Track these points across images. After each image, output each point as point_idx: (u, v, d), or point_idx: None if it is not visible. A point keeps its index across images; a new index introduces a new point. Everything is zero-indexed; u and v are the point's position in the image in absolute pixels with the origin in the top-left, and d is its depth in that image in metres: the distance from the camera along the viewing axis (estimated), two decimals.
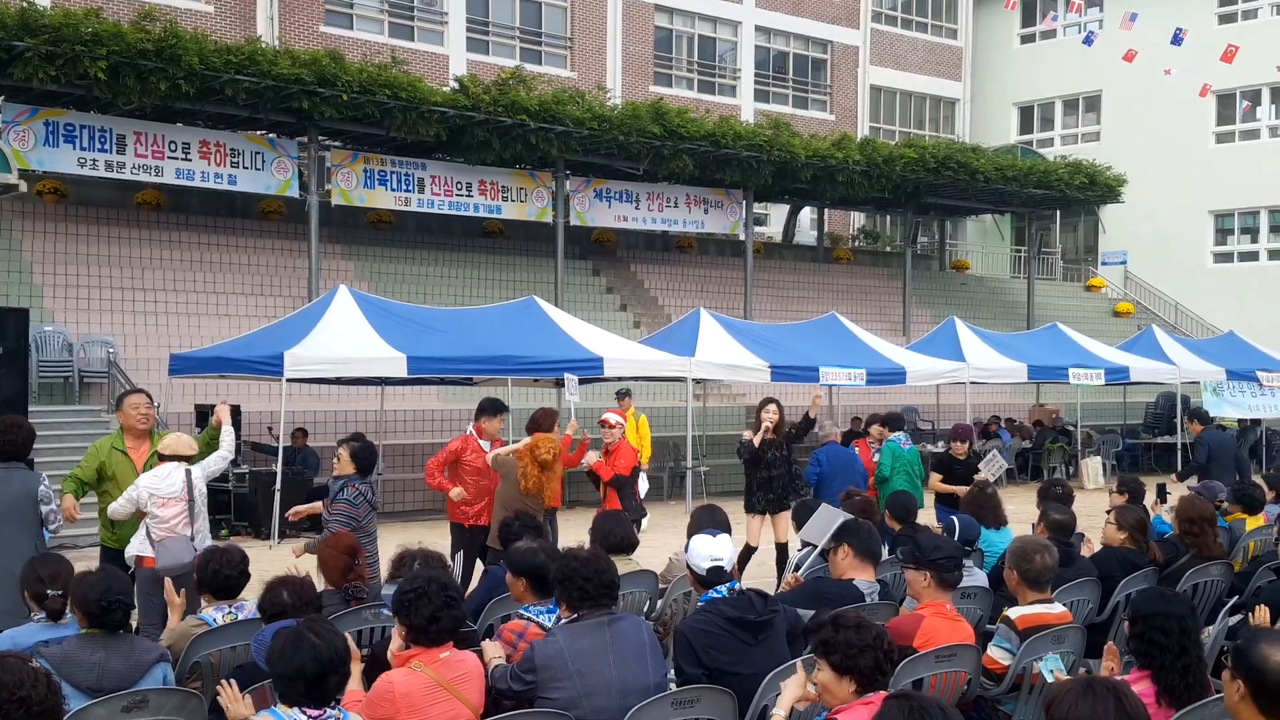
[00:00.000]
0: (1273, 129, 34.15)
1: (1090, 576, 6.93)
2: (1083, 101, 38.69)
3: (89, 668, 4.75)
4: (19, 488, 7.36)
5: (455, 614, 4.70)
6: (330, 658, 4.03)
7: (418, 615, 4.60)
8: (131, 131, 19.03)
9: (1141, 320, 33.14)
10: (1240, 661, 3.65)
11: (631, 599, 6.75)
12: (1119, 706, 3.16)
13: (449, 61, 27.92)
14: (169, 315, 20.43)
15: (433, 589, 4.63)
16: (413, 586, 4.67)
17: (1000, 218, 35.61)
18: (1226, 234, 36.27)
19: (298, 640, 4.04)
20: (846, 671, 3.91)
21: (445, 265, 24.62)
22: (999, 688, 5.45)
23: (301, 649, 4.01)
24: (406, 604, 4.63)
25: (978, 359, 20.49)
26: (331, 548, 6.27)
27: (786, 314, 25.86)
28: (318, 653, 4.00)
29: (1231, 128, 35.50)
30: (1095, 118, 38.28)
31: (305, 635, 4.06)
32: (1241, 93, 34.32)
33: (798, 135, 25.32)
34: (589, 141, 22.11)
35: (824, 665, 3.98)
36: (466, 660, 4.74)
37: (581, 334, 16.43)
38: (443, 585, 4.70)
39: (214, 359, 15.65)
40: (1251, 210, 35.37)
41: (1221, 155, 35.42)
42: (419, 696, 4.46)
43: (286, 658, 4.02)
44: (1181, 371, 22.83)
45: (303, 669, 3.98)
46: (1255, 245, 35.61)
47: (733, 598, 5.23)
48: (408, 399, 19.73)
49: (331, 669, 4.03)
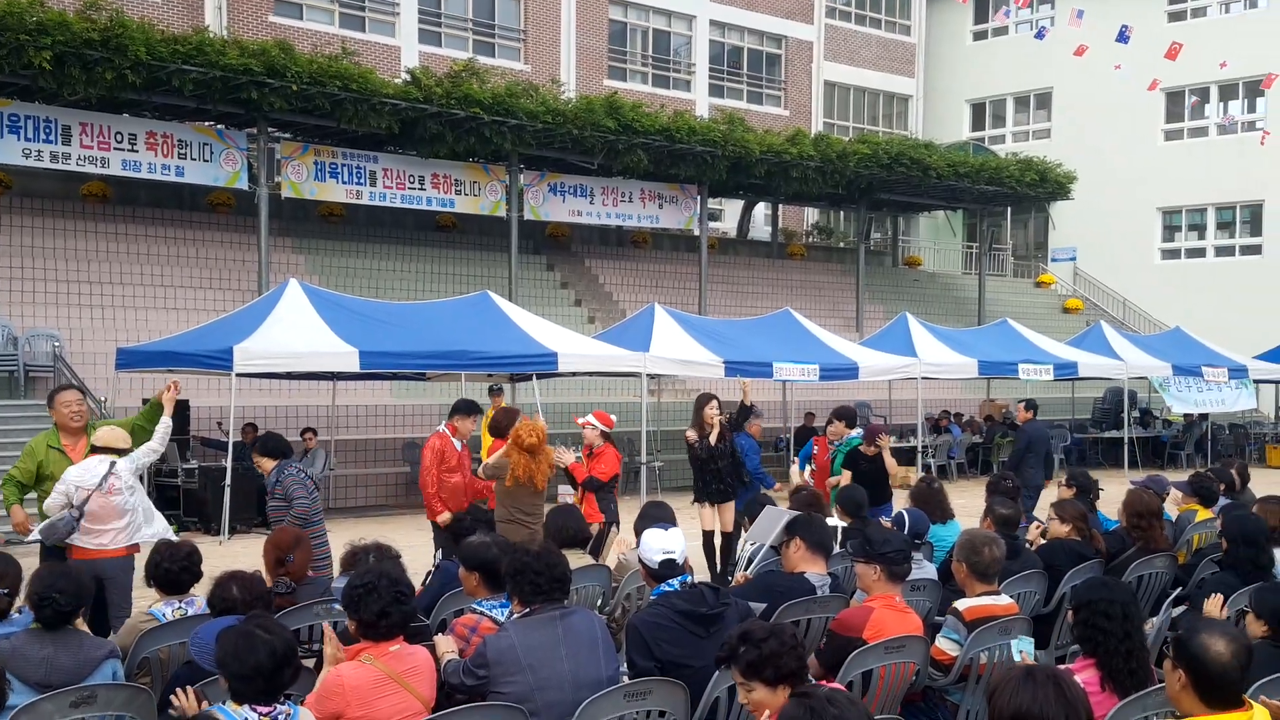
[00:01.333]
0: (1220, 127, 34.69)
1: (1037, 569, 7.02)
2: (1034, 99, 39.13)
3: (37, 663, 4.71)
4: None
5: (405, 609, 4.68)
6: (284, 652, 4.02)
7: (367, 610, 4.58)
8: (77, 122, 18.73)
9: (1090, 316, 33.60)
10: (1181, 651, 3.70)
11: (584, 593, 6.75)
12: (1059, 693, 3.20)
13: (401, 53, 27.73)
14: (116, 309, 20.15)
15: (383, 584, 4.61)
16: (363, 582, 4.64)
17: (952, 214, 35.95)
18: (1174, 231, 36.84)
19: (249, 639, 4.01)
20: (781, 680, 3.91)
21: (398, 259, 24.47)
22: (947, 678, 5.51)
23: (256, 647, 3.98)
24: (356, 599, 4.61)
25: (929, 354, 20.67)
26: (269, 541, 6.31)
27: (741, 309, 25.95)
28: (272, 649, 3.98)
29: (1180, 125, 36.05)
30: (1046, 115, 38.74)
31: (256, 633, 4.03)
32: (1190, 90, 34.84)
33: (752, 130, 25.41)
34: (543, 135, 22.05)
35: (755, 684, 3.94)
36: (416, 654, 4.72)
37: (536, 329, 16.38)
38: (393, 580, 4.67)
39: (162, 353, 15.44)
40: (1199, 207, 35.95)
41: (1170, 153, 35.97)
42: (368, 689, 4.44)
43: (241, 658, 3.98)
44: (1129, 367, 23.16)
45: (259, 667, 3.95)
46: (1202, 242, 36.19)
47: (684, 591, 5.25)
48: (360, 394, 19.60)
49: (286, 662, 4.02)
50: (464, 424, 9.75)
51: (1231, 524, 6.73)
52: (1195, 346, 24.91)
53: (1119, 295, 36.48)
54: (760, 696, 3.94)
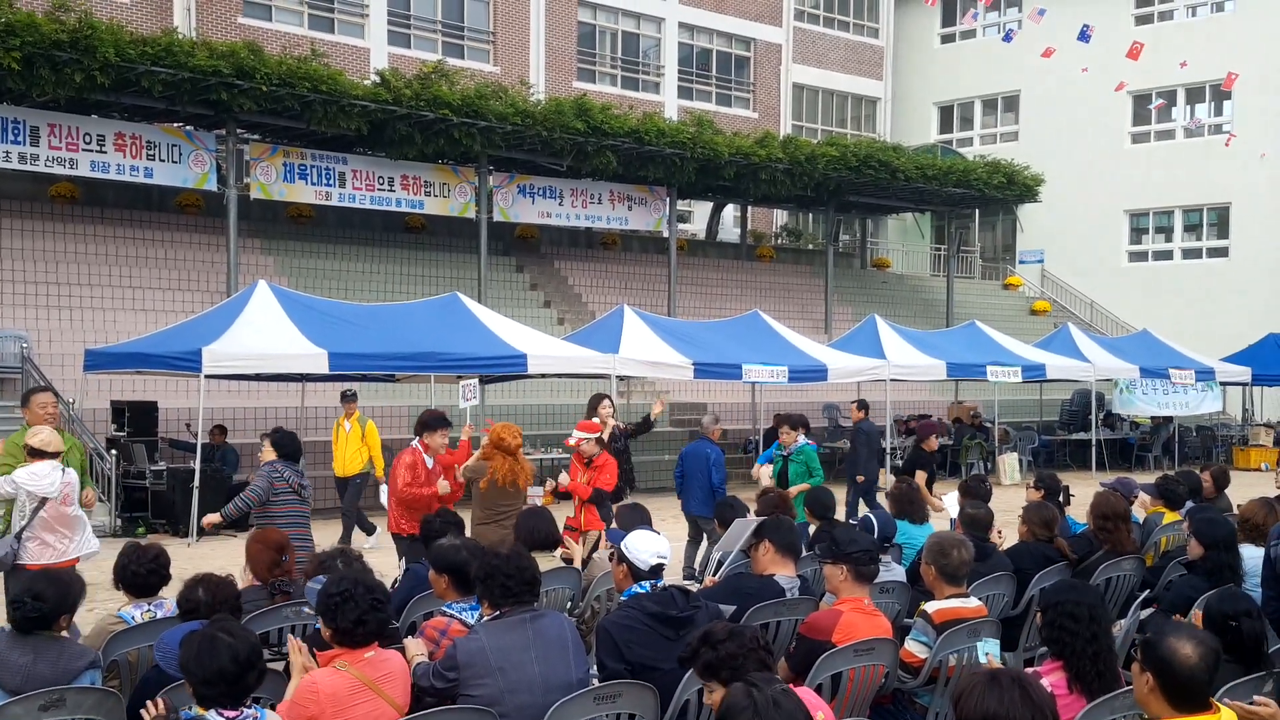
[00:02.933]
0: (1187, 130, 35.04)
1: (1006, 571, 7.06)
2: (1001, 101, 39.41)
3: (16, 670, 4.68)
4: None
5: (381, 616, 4.68)
6: (248, 656, 3.99)
7: (344, 618, 4.57)
8: (45, 123, 18.58)
9: (1058, 318, 33.85)
10: (1149, 654, 3.72)
11: (554, 596, 6.76)
12: (1024, 696, 3.22)
13: (370, 54, 27.63)
14: (84, 310, 19.99)
15: (359, 591, 4.60)
16: (339, 589, 4.61)
17: (920, 216, 36.16)
18: (1141, 233, 37.17)
19: (212, 643, 3.99)
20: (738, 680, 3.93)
21: (367, 261, 24.37)
22: (916, 680, 5.55)
23: (218, 651, 3.95)
24: (333, 607, 4.59)
25: (898, 356, 20.77)
26: (259, 543, 6.25)
27: (710, 311, 26.00)
28: (235, 652, 3.96)
29: (1147, 128, 36.39)
30: (1014, 117, 39.01)
31: (219, 637, 4.01)
32: (1156, 93, 35.18)
33: (721, 133, 25.47)
34: (512, 137, 22.02)
35: (714, 685, 3.96)
36: (391, 659, 4.71)
37: (505, 331, 16.38)
38: (369, 588, 4.66)
39: (130, 355, 15.38)
40: (1166, 210, 36.29)
41: (1137, 155, 36.30)
42: (344, 696, 4.44)
43: (204, 662, 3.96)
44: (1096, 369, 23.35)
45: (223, 671, 3.94)
46: (1169, 244, 36.54)
47: (655, 594, 5.27)
48: (329, 395, 19.45)
49: (250, 666, 4.00)
50: (434, 439, 9.61)
51: (1204, 528, 6.73)
52: (1163, 349, 25.15)
53: (1086, 297, 36.79)
54: (720, 698, 3.95)
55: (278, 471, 8.28)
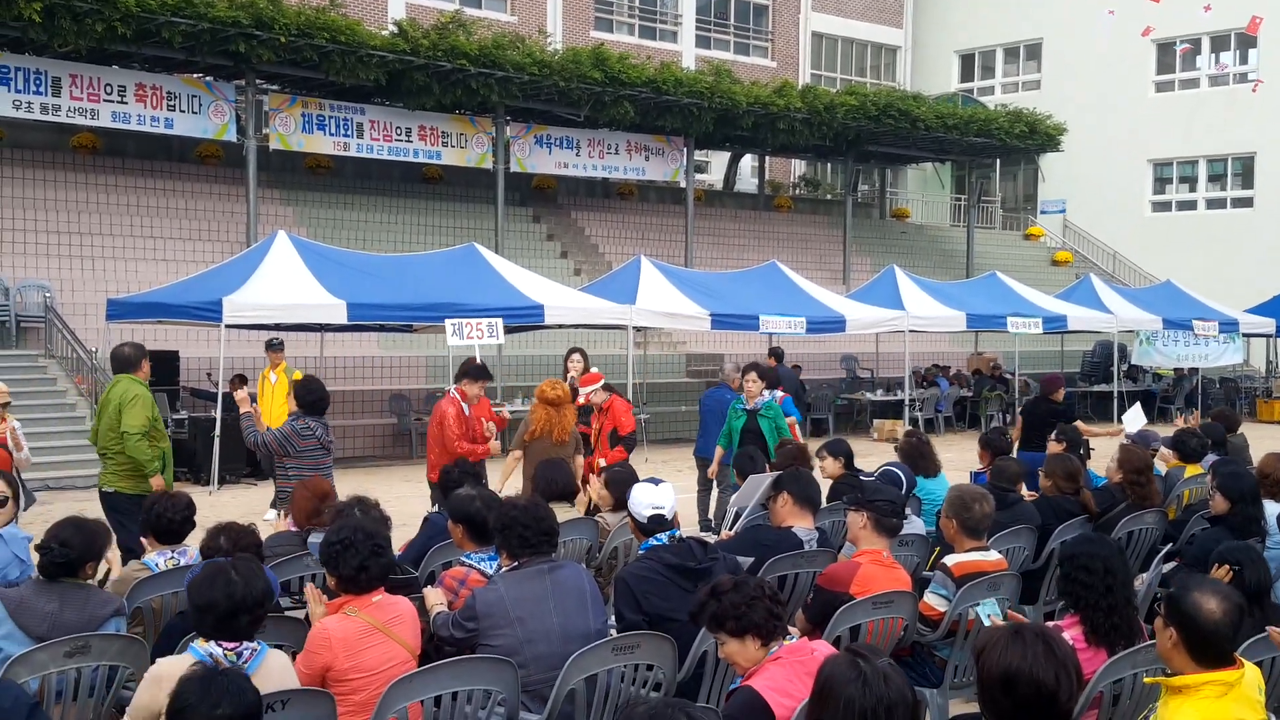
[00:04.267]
0: (1212, 78, 34.52)
1: (1027, 524, 7.05)
2: (1024, 50, 38.88)
3: (42, 617, 4.71)
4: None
5: (383, 561, 4.70)
6: (244, 597, 4.05)
7: (346, 566, 4.61)
8: (67, 74, 18.58)
9: (1080, 269, 33.60)
10: (1173, 610, 3.69)
11: (571, 546, 6.79)
12: (1048, 651, 3.20)
13: (388, 5, 27.44)
14: (106, 260, 20.07)
15: (359, 539, 4.63)
16: (339, 538, 4.65)
17: (940, 166, 35.84)
18: (1165, 183, 36.75)
19: (216, 575, 4.09)
20: (745, 631, 3.93)
21: (385, 211, 24.34)
22: (935, 633, 5.55)
23: (217, 584, 4.05)
24: (334, 555, 4.63)
25: (917, 308, 20.68)
26: (305, 488, 6.33)
27: (727, 262, 25.90)
28: (232, 590, 4.03)
29: (1171, 76, 35.85)
30: (1036, 66, 38.50)
31: (225, 571, 4.10)
32: (1181, 40, 34.64)
33: (739, 82, 25.24)
34: (529, 87, 21.88)
35: (723, 637, 3.97)
36: (399, 603, 4.75)
37: (522, 281, 16.36)
38: (369, 534, 4.69)
39: (152, 304, 15.45)
40: (1190, 159, 35.86)
41: (1161, 104, 35.81)
42: (355, 640, 4.48)
43: (202, 590, 4.07)
44: (1119, 320, 23.19)
45: (213, 603, 4.02)
46: (1193, 194, 36.13)
47: (673, 545, 5.27)
48: (347, 345, 19.57)
49: (244, 608, 4.05)
50: (472, 388, 9.74)
51: (1229, 482, 6.68)
52: (1186, 300, 24.94)
53: (1109, 248, 36.48)
54: (731, 649, 3.97)
55: (307, 427, 8.27)
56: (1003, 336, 24.32)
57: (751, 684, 3.85)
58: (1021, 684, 3.17)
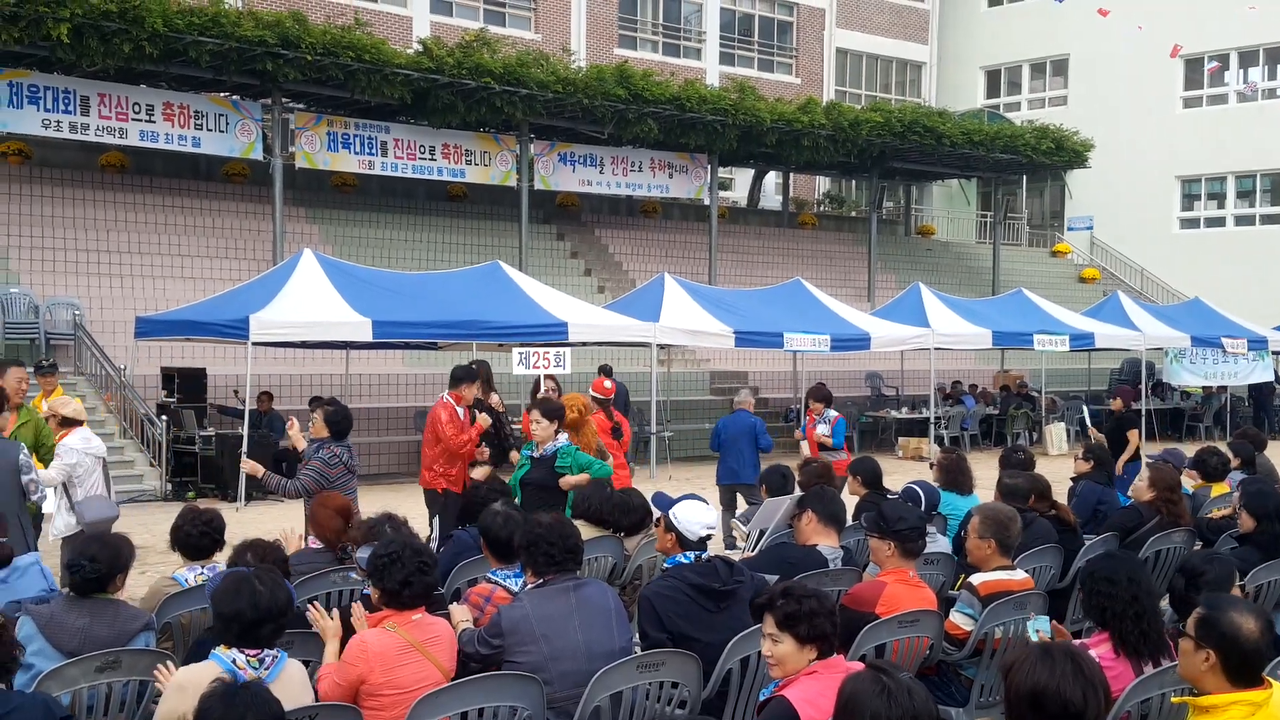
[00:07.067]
0: (1240, 94, 34.32)
1: (1052, 543, 7.00)
2: (1050, 65, 38.77)
3: (73, 632, 4.75)
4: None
5: (428, 579, 4.76)
6: (269, 607, 4.13)
7: (390, 579, 4.65)
8: (95, 93, 18.78)
9: (1107, 286, 33.41)
10: (1209, 631, 3.63)
11: (596, 564, 6.79)
12: (1076, 670, 3.18)
13: (412, 23, 27.61)
14: (134, 278, 20.24)
15: (406, 554, 4.69)
16: (387, 551, 4.72)
17: (966, 182, 35.74)
18: (1193, 200, 36.53)
19: (241, 584, 4.17)
20: (813, 640, 3.92)
21: (409, 229, 24.46)
22: (961, 653, 5.52)
23: (242, 593, 4.13)
24: (381, 568, 4.69)
25: (942, 325, 20.59)
26: (325, 507, 6.32)
27: (751, 279, 25.89)
28: (257, 600, 4.11)
29: (1199, 92, 35.67)
30: (1063, 82, 38.38)
31: (250, 581, 4.18)
32: (1210, 56, 34.47)
33: (763, 99, 25.27)
34: (553, 105, 21.98)
35: (786, 638, 3.95)
36: (438, 624, 4.80)
37: (546, 299, 16.40)
38: (416, 551, 4.75)
39: (180, 322, 15.59)
40: (1218, 176, 35.63)
41: (1189, 120, 35.62)
42: (391, 656, 4.52)
43: (227, 599, 4.15)
44: (1146, 338, 23.02)
45: (239, 613, 4.10)
46: (1221, 211, 35.89)
47: (699, 565, 5.26)
48: (372, 363, 19.65)
49: (268, 617, 4.14)
50: (467, 391, 9.86)
51: (1255, 500, 6.62)
52: (1214, 317, 24.73)
53: (1137, 265, 36.26)
54: (787, 650, 3.94)
55: (335, 455, 8.13)
56: (1029, 354, 24.20)
57: (785, 694, 3.84)
58: (1049, 702, 3.16)
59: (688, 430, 20.70)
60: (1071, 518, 7.51)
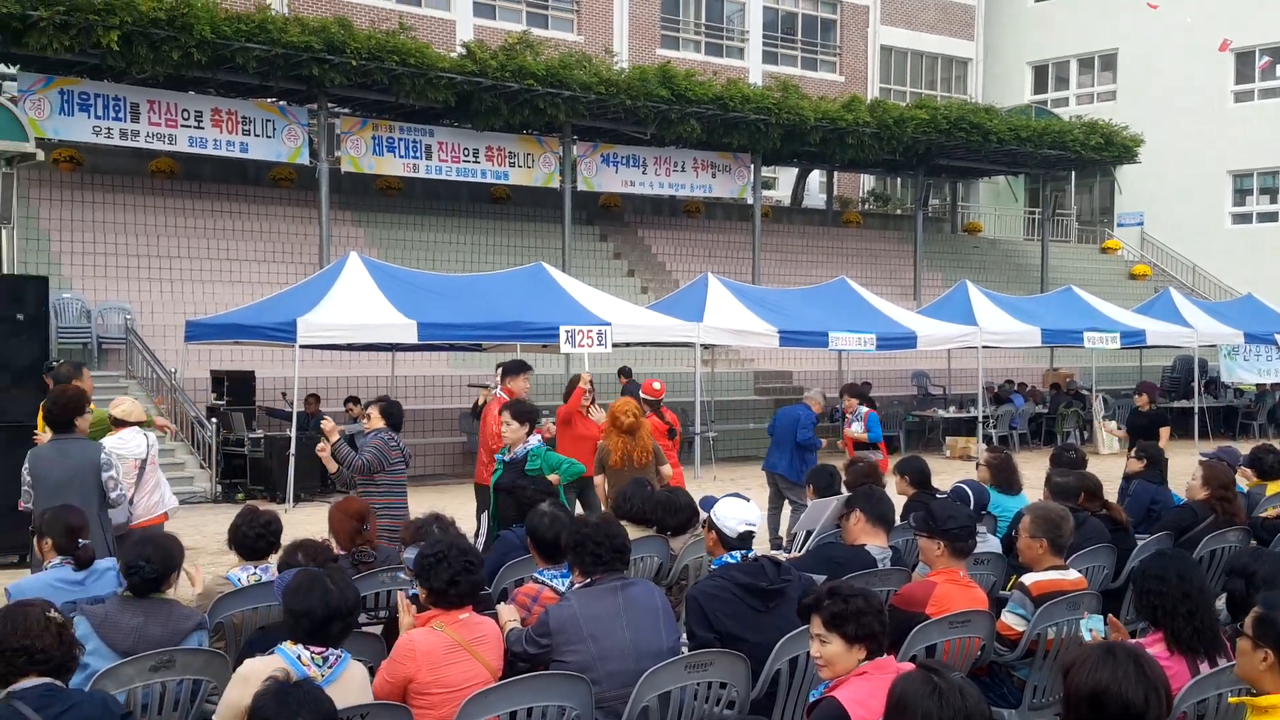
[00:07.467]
0: None
1: (1105, 543, 6.91)
2: (1098, 60, 38.31)
3: (127, 631, 4.81)
4: (77, 459, 7.33)
5: (474, 578, 4.78)
6: (339, 605, 4.21)
7: (437, 578, 4.67)
8: (145, 100, 19.06)
9: (1158, 283, 32.97)
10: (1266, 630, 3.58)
11: (642, 564, 6.78)
12: (1139, 670, 3.13)
13: (456, 27, 27.77)
14: (184, 282, 20.50)
15: (453, 554, 4.71)
16: (433, 551, 4.75)
17: (1014, 179, 35.39)
18: (1245, 194, 35.95)
19: (313, 582, 4.25)
20: (861, 639, 3.89)
21: (453, 231, 24.59)
22: (1013, 653, 5.45)
23: (315, 591, 4.20)
24: (427, 567, 4.72)
25: (990, 323, 20.40)
26: (341, 511, 6.35)
27: (795, 278, 25.79)
28: (329, 598, 4.19)
29: (1250, 86, 35.10)
30: (1111, 76, 37.92)
31: (322, 579, 4.26)
32: (1261, 50, 33.91)
33: (806, 97, 25.16)
34: (596, 106, 22.01)
35: (833, 638, 3.91)
36: (485, 624, 4.81)
37: (589, 300, 16.41)
38: (462, 550, 4.77)
39: (229, 325, 15.78)
40: (1271, 170, 35.05)
41: (1240, 114, 35.05)
42: (440, 655, 4.54)
43: (299, 596, 4.22)
44: (1199, 335, 22.69)
45: (311, 610, 4.17)
46: (1274, 206, 35.29)
47: (746, 564, 5.23)
48: (417, 364, 19.78)
49: (338, 615, 4.21)
50: (517, 384, 9.90)
51: None
52: (1268, 313, 24.35)
53: (1188, 261, 35.73)
54: (835, 651, 3.91)
55: (394, 439, 8.30)
56: (1079, 352, 23.93)
57: (835, 695, 3.81)
58: (1110, 703, 3.10)
59: (732, 430, 20.66)
60: (1123, 517, 7.43)
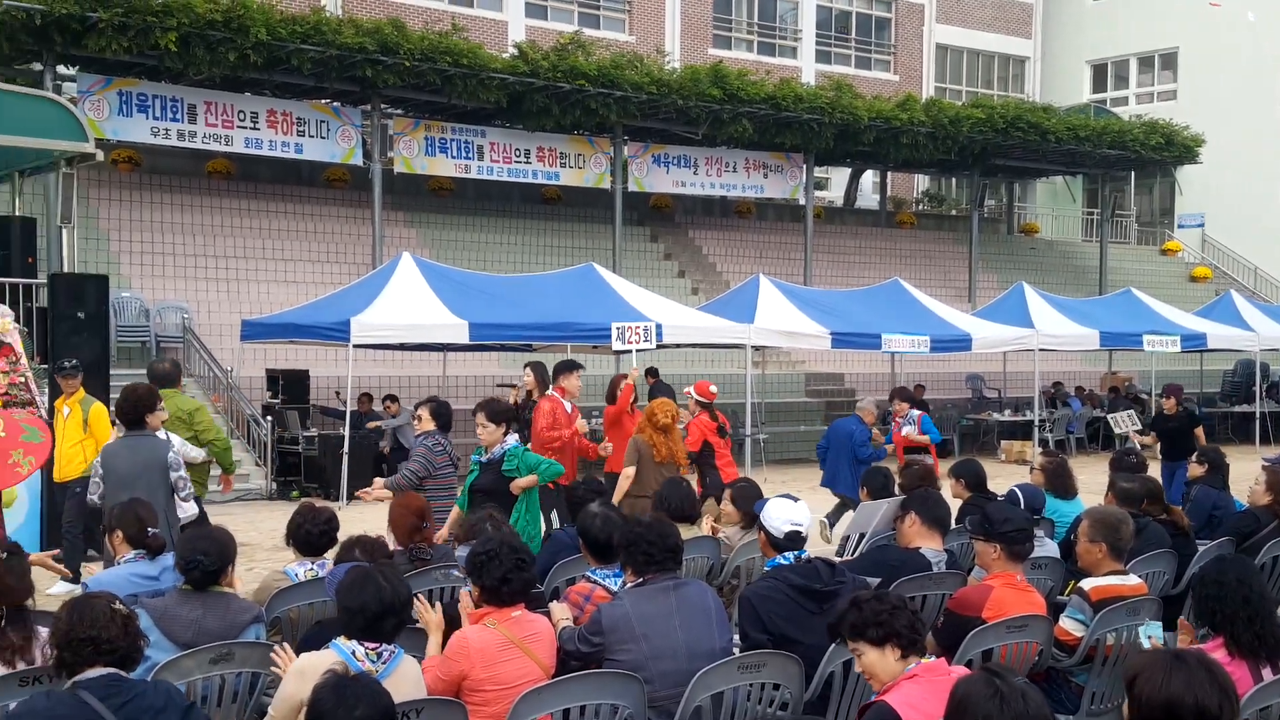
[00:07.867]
0: None
1: (1165, 548, 6.79)
2: (1159, 59, 37.72)
3: (186, 624, 4.87)
4: (146, 456, 7.42)
5: (526, 576, 4.79)
6: (392, 601, 4.22)
7: (489, 576, 4.69)
8: (202, 101, 19.31)
9: (1220, 285, 32.40)
10: None
11: (694, 564, 6.75)
12: (1211, 679, 3.05)
13: (508, 28, 27.89)
14: (240, 282, 20.75)
15: (504, 552, 4.73)
16: (485, 549, 4.77)
17: (1071, 179, 34.93)
18: None
19: (366, 579, 4.26)
20: (887, 639, 3.83)
21: (505, 232, 24.68)
22: (1072, 659, 5.37)
23: (367, 588, 4.21)
24: (479, 565, 4.74)
25: (1047, 325, 20.15)
26: (401, 507, 6.41)
27: (848, 280, 25.62)
28: (381, 594, 4.20)
29: None
30: (1172, 75, 37.33)
31: (374, 575, 4.28)
32: None
33: (860, 97, 24.99)
34: (647, 106, 22.00)
35: (863, 647, 3.87)
36: (537, 621, 4.83)
37: (640, 301, 16.40)
38: (514, 548, 4.79)
39: (284, 325, 15.95)
40: None
41: None
42: (492, 652, 4.56)
43: (352, 593, 4.23)
44: (1261, 338, 22.29)
45: (364, 606, 4.18)
46: None
47: (799, 565, 5.18)
48: (469, 364, 19.87)
49: (391, 611, 4.22)
50: (570, 382, 9.93)
51: None
52: None
53: (1250, 263, 35.08)
54: (870, 659, 3.87)
55: (440, 444, 8.28)
56: (1138, 355, 23.58)
57: (887, 699, 3.75)
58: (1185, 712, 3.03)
59: (783, 433, 20.56)
60: (1185, 522, 7.28)
